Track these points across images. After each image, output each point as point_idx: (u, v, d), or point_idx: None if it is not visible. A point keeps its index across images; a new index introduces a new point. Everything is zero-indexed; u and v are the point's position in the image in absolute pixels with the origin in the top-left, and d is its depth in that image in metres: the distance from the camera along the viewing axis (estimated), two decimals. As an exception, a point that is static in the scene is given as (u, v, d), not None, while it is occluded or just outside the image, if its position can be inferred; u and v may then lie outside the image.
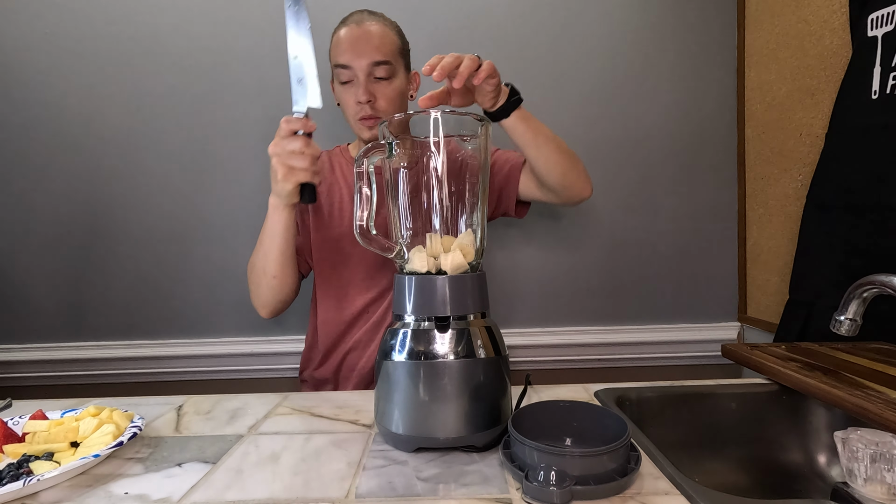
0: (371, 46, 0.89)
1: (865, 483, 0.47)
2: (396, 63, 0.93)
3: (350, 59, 0.90)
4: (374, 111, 0.92)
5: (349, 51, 0.90)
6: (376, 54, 0.89)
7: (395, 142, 0.60)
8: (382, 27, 0.92)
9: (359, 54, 0.89)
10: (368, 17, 0.93)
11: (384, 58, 0.90)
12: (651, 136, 1.29)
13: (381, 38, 0.91)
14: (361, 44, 0.90)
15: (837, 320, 0.66)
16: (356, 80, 0.90)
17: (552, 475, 0.45)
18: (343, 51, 0.90)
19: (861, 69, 0.91)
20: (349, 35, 0.91)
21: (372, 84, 0.91)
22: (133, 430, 0.60)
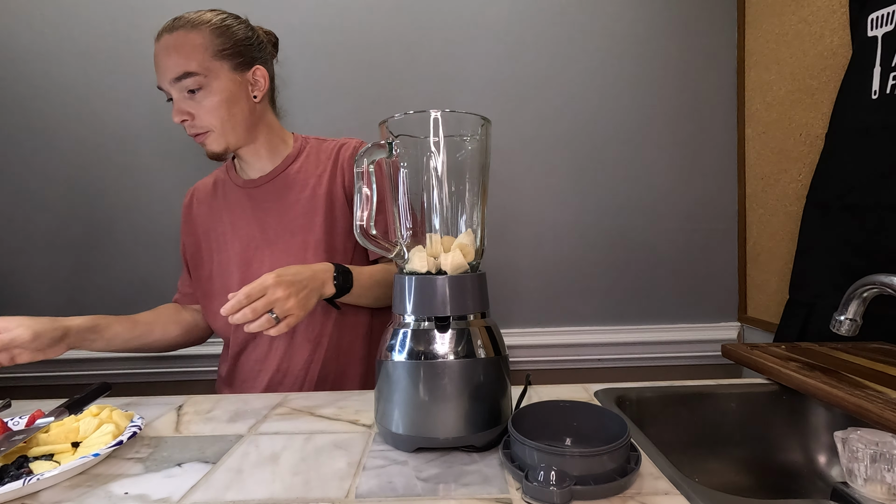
0: (171, 62, 0.83)
1: (865, 483, 0.47)
2: (210, 69, 0.84)
3: (159, 80, 0.85)
4: (196, 128, 0.87)
5: (156, 69, 0.85)
6: (175, 69, 0.83)
7: (395, 141, 0.60)
8: (186, 34, 0.83)
9: (161, 73, 0.84)
10: (172, 26, 0.85)
11: (187, 69, 0.82)
12: (651, 136, 1.29)
13: (182, 48, 0.83)
14: (161, 61, 0.84)
15: (837, 320, 0.66)
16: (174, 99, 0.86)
17: (552, 475, 0.45)
18: (157, 71, 0.85)
19: (861, 69, 0.91)
20: (155, 52, 0.85)
21: (185, 101, 0.85)
22: (133, 429, 0.60)
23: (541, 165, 1.30)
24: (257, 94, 0.91)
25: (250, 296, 0.71)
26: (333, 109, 1.28)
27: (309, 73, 1.27)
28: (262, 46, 0.94)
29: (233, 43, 0.87)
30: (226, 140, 0.89)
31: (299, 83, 1.27)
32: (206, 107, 0.85)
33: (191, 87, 0.83)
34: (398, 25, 1.27)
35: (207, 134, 0.88)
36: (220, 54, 0.85)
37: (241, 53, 0.88)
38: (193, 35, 0.84)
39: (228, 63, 0.86)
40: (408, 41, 1.27)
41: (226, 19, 0.88)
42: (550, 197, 1.30)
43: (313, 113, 1.28)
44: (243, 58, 0.89)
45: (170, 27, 0.85)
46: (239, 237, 0.95)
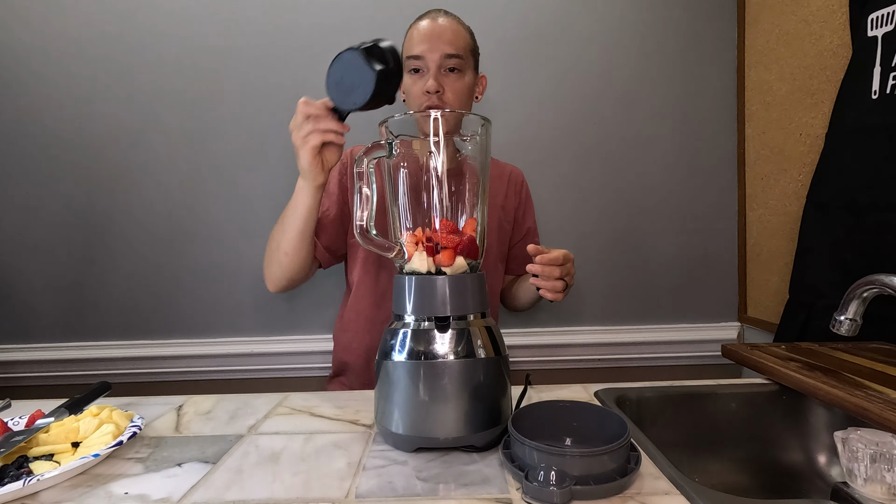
0: (444, 40, 0.92)
1: (865, 483, 0.47)
2: (467, 60, 0.95)
3: (423, 50, 0.92)
4: (442, 102, 0.93)
5: (423, 42, 0.92)
6: (449, 47, 0.92)
7: (395, 141, 0.60)
8: (457, 24, 0.96)
9: (432, 46, 0.92)
10: (444, 15, 0.96)
11: (456, 51, 0.92)
12: (651, 136, 1.29)
13: (455, 34, 0.94)
14: (435, 36, 0.92)
15: (837, 320, 0.66)
16: (426, 70, 0.92)
17: (552, 475, 0.45)
18: (417, 42, 0.93)
19: (861, 69, 0.91)
20: (425, 28, 0.94)
21: (442, 76, 0.93)
22: (133, 429, 0.60)
23: (540, 165, 1.30)
24: (479, 95, 1.03)
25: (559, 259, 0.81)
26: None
27: (306, 74, 1.27)
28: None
29: (475, 47, 0.99)
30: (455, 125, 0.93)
31: (295, 84, 1.27)
32: (456, 88, 0.94)
33: (454, 65, 0.93)
34: (397, 25, 1.27)
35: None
36: (473, 51, 0.97)
37: (478, 58, 1.01)
38: (462, 29, 0.96)
39: (473, 61, 0.98)
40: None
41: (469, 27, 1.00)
42: (550, 197, 1.30)
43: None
44: (477, 62, 1.00)
45: (443, 14, 0.96)
46: None
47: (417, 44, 0.93)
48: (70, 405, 0.67)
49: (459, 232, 0.60)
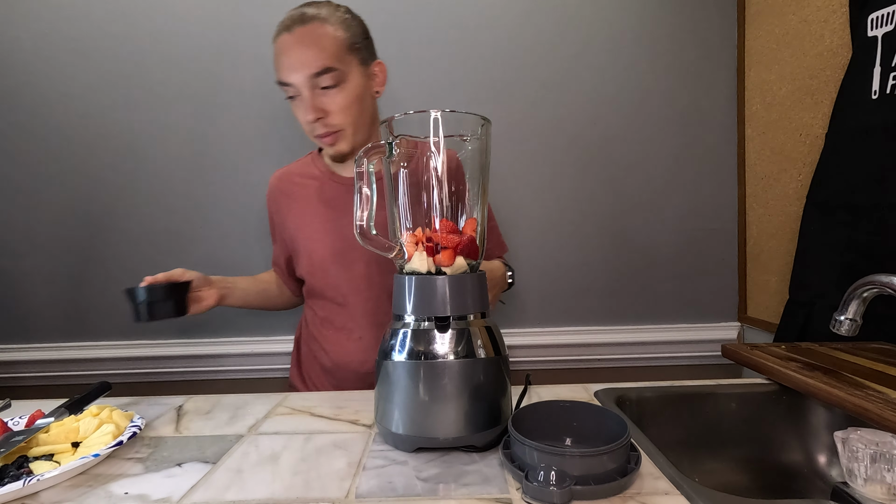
0: (307, 58, 0.78)
1: (865, 483, 0.47)
2: (344, 64, 0.81)
3: (287, 75, 0.80)
4: (329, 127, 0.83)
5: (285, 65, 0.80)
6: (313, 64, 0.78)
7: (395, 141, 0.60)
8: (319, 27, 0.79)
9: (294, 68, 0.79)
10: (302, 19, 0.80)
11: (325, 64, 0.79)
12: (651, 136, 1.29)
13: (318, 42, 0.79)
14: (296, 55, 0.79)
15: (837, 320, 0.66)
16: (300, 95, 0.81)
17: (552, 475, 0.45)
18: (280, 66, 0.81)
19: (861, 69, 0.91)
20: (283, 46, 0.80)
21: (319, 97, 0.81)
22: (133, 429, 0.60)
23: (541, 165, 1.30)
24: (378, 88, 0.88)
25: None
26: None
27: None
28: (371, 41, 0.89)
29: (358, 36, 0.83)
30: (354, 139, 0.86)
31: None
32: (339, 104, 0.82)
33: (328, 83, 0.80)
34: (398, 25, 1.27)
35: (339, 133, 0.84)
36: (350, 48, 0.82)
37: (365, 47, 0.85)
38: (327, 29, 0.80)
39: (357, 58, 0.83)
40: (406, 40, 1.27)
41: (348, 12, 0.84)
42: (550, 197, 1.30)
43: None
44: (367, 52, 0.86)
45: (300, 19, 0.80)
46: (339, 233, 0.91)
47: (280, 67, 0.81)
48: (70, 405, 0.67)
49: (459, 232, 0.60)
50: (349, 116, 0.83)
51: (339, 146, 0.86)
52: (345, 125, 0.84)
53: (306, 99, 0.81)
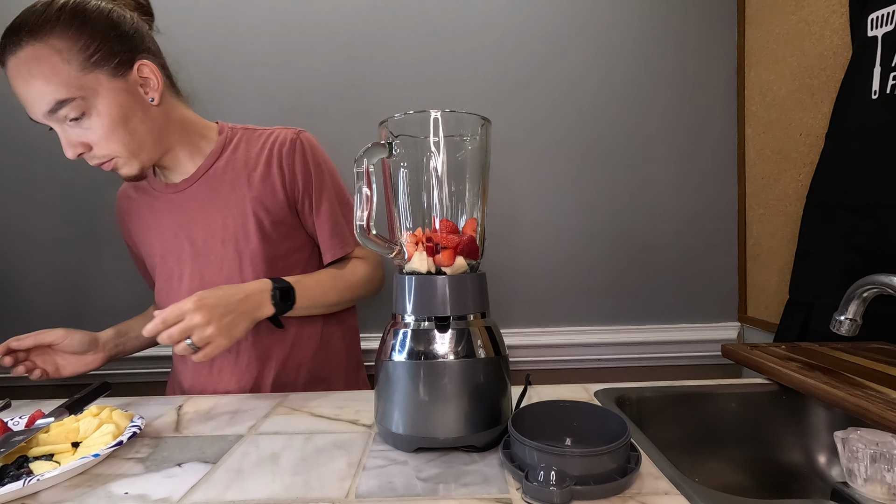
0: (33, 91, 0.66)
1: (865, 483, 0.47)
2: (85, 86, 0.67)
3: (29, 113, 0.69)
4: (99, 158, 0.73)
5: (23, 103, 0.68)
6: (43, 99, 0.66)
7: (395, 141, 0.60)
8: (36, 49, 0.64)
9: (27, 106, 0.68)
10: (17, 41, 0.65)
11: (59, 97, 0.66)
12: (651, 136, 1.29)
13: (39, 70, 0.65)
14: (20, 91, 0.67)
15: (837, 320, 0.66)
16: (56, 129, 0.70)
17: (552, 475, 0.45)
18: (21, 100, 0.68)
19: (861, 69, 0.91)
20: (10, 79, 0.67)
21: (72, 131, 0.69)
22: (133, 429, 0.60)
23: (541, 165, 1.30)
24: (153, 95, 0.75)
25: (166, 321, 0.66)
26: (332, 110, 1.28)
27: (306, 74, 1.27)
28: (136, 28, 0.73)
29: (97, 41, 0.67)
30: (139, 161, 0.76)
31: (295, 84, 1.27)
32: (98, 133, 0.70)
33: (74, 115, 0.68)
34: (398, 25, 1.27)
35: (114, 161, 0.74)
36: (88, 63, 0.67)
37: (114, 52, 0.69)
38: (44, 49, 0.65)
39: (104, 70, 0.68)
40: (407, 40, 1.27)
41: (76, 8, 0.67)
42: (550, 197, 1.30)
43: (311, 114, 1.28)
44: (120, 56, 0.70)
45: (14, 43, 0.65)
46: (167, 249, 0.85)
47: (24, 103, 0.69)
48: (70, 405, 0.67)
49: (459, 232, 0.60)
50: (116, 143, 0.71)
51: (124, 172, 0.76)
52: (115, 152, 0.73)
53: (60, 136, 0.70)
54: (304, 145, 0.85)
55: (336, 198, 0.88)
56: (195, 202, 0.84)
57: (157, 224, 0.87)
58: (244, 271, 0.83)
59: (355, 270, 0.88)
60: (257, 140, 0.86)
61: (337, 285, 0.84)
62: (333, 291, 0.84)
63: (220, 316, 0.69)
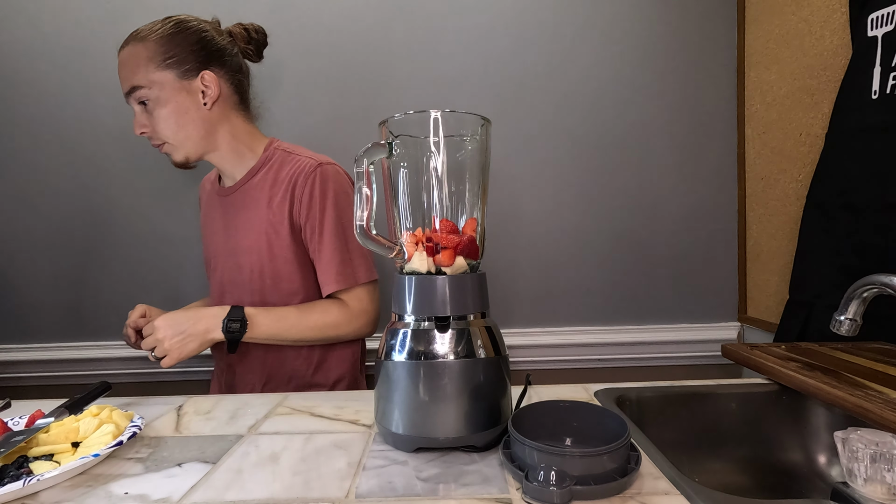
0: (123, 77, 0.86)
1: (865, 483, 0.47)
2: (155, 81, 0.85)
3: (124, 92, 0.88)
4: (156, 139, 0.89)
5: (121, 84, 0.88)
6: (126, 83, 0.86)
7: (395, 141, 0.60)
8: (133, 48, 0.85)
9: (122, 83, 0.87)
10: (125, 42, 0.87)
11: (134, 83, 0.85)
12: (651, 136, 1.29)
13: (129, 63, 0.85)
14: (120, 74, 0.87)
15: (837, 320, 0.66)
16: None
17: (552, 475, 0.45)
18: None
19: (861, 69, 0.91)
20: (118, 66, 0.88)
21: (142, 114, 0.87)
22: (133, 429, 0.60)
23: (541, 165, 1.30)
24: (207, 101, 0.89)
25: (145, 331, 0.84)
26: (332, 110, 1.28)
27: (306, 74, 1.27)
28: (220, 49, 0.91)
29: (178, 50, 0.86)
30: (184, 150, 0.91)
31: (295, 84, 1.27)
32: (157, 118, 0.86)
33: (141, 98, 0.86)
34: (398, 25, 1.27)
35: (164, 145, 0.90)
36: (164, 64, 0.85)
37: (186, 60, 0.86)
38: (140, 48, 0.85)
39: (174, 72, 0.85)
40: (407, 41, 1.27)
41: (176, 26, 0.87)
42: (550, 197, 1.30)
43: (310, 115, 1.28)
44: (190, 64, 0.86)
45: (123, 43, 0.87)
46: (213, 242, 0.99)
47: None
48: (70, 405, 0.67)
49: (459, 232, 0.60)
50: (168, 130, 0.87)
51: (172, 156, 0.92)
52: (167, 137, 0.88)
53: (135, 115, 0.88)
54: (318, 177, 0.90)
55: (335, 233, 0.90)
56: (233, 208, 0.95)
57: (211, 218, 1.01)
58: (243, 280, 0.94)
59: (327, 312, 0.90)
60: (288, 164, 0.93)
61: (300, 324, 0.88)
62: (294, 329, 0.88)
63: (173, 335, 0.83)
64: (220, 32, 0.93)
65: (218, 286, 0.98)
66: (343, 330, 0.91)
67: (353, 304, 0.91)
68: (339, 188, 0.91)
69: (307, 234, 0.90)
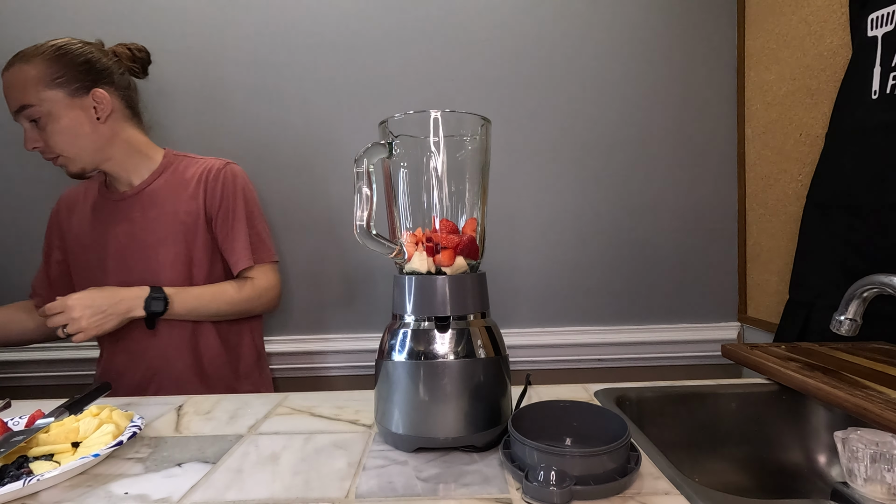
0: (10, 96, 0.90)
1: (865, 483, 0.47)
2: (45, 99, 0.90)
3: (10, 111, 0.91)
4: (49, 154, 0.93)
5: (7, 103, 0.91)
6: (14, 102, 0.90)
7: (395, 141, 0.60)
8: (21, 68, 0.90)
9: (8, 104, 0.91)
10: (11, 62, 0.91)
11: (24, 102, 0.89)
12: (651, 136, 1.29)
13: (17, 83, 0.89)
14: (6, 93, 0.90)
15: (837, 320, 0.66)
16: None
17: (552, 475, 0.45)
18: None
19: (861, 69, 0.91)
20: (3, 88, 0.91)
21: (33, 130, 0.92)
22: (133, 429, 0.60)
23: (541, 165, 1.30)
24: (100, 115, 0.95)
25: (51, 309, 0.86)
26: (331, 110, 1.28)
27: (306, 73, 1.27)
28: (106, 68, 0.97)
29: (65, 71, 0.91)
30: (80, 162, 0.96)
31: (295, 84, 1.27)
32: (50, 134, 0.91)
33: (32, 116, 0.90)
34: (398, 25, 1.27)
35: (59, 158, 0.94)
36: (53, 83, 0.90)
37: (75, 80, 0.92)
38: (27, 68, 0.89)
39: (64, 90, 0.91)
40: (407, 41, 1.27)
41: (62, 47, 0.92)
42: (550, 197, 1.30)
43: (312, 114, 1.28)
44: (79, 83, 0.92)
45: (9, 63, 0.91)
46: (107, 247, 1.01)
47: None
48: (70, 405, 0.67)
49: (459, 232, 0.60)
50: (62, 144, 0.92)
51: (67, 168, 0.96)
52: (61, 151, 0.93)
53: (25, 131, 0.92)
54: (227, 174, 1.03)
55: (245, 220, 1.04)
56: (135, 210, 1.01)
57: (100, 224, 1.02)
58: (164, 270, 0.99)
59: (241, 289, 1.02)
60: (193, 165, 1.04)
61: (217, 299, 0.99)
62: (213, 304, 0.99)
63: (93, 314, 0.87)
64: (105, 53, 0.99)
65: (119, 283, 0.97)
66: (254, 304, 1.03)
67: (260, 281, 1.04)
68: (245, 183, 1.05)
69: (218, 222, 1.01)
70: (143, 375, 0.99)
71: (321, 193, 1.30)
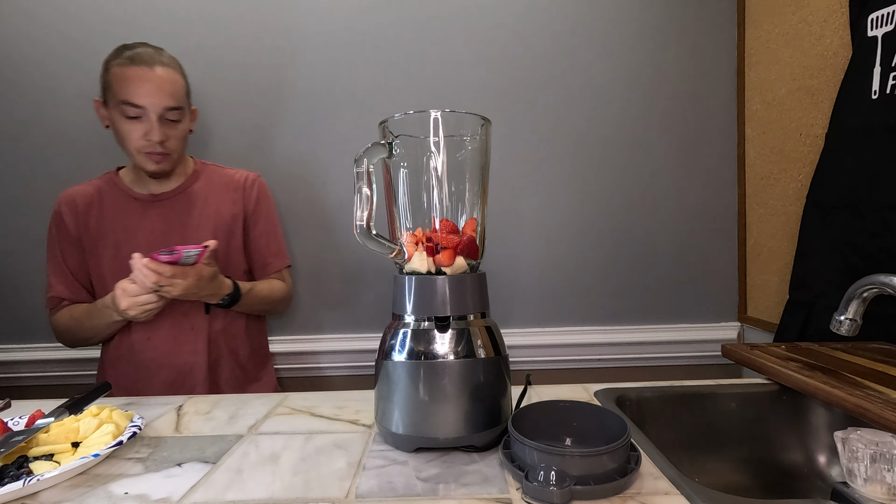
0: (165, 92, 0.96)
1: (865, 483, 0.47)
2: (185, 106, 1.01)
3: (144, 101, 0.95)
4: (165, 149, 0.99)
5: (143, 93, 0.95)
6: (171, 100, 0.97)
7: (395, 141, 0.60)
8: (173, 73, 0.99)
9: (154, 98, 0.96)
10: (157, 59, 0.97)
11: (177, 104, 0.98)
12: (651, 136, 1.29)
13: (174, 85, 0.98)
14: (155, 88, 0.96)
15: (837, 320, 0.66)
16: (147, 118, 0.96)
17: (552, 475, 0.45)
18: (135, 91, 0.95)
19: (861, 69, 0.91)
20: (142, 76, 0.95)
21: (164, 126, 0.98)
22: (133, 429, 0.60)
23: (541, 165, 1.30)
24: (192, 128, 1.08)
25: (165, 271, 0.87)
26: (332, 109, 1.28)
27: (306, 73, 1.27)
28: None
29: (188, 88, 1.04)
30: (175, 163, 1.05)
31: (295, 84, 1.27)
32: (177, 135, 1.01)
33: (175, 118, 0.99)
34: (398, 25, 1.27)
35: (168, 156, 1.01)
36: (187, 94, 1.03)
37: (189, 94, 1.05)
38: (177, 75, 1.00)
39: (188, 102, 1.04)
40: (407, 41, 1.27)
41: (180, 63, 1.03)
42: (550, 197, 1.30)
43: (312, 114, 1.28)
44: (190, 97, 1.05)
45: (155, 57, 0.97)
46: (138, 245, 1.02)
47: (136, 92, 0.94)
48: (70, 405, 0.67)
49: (459, 232, 0.60)
50: (180, 146, 1.03)
51: (165, 166, 1.03)
52: (174, 151, 1.02)
53: (154, 124, 0.97)
54: (259, 184, 1.15)
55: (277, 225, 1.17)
56: (173, 211, 1.07)
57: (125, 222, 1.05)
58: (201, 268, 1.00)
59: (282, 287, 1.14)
60: (227, 174, 1.13)
61: (268, 297, 1.11)
62: (265, 302, 1.11)
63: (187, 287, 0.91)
64: None
65: None
66: (287, 302, 1.18)
67: (288, 281, 1.17)
68: (269, 193, 1.18)
69: (251, 224, 1.12)
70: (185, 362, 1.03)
71: (321, 193, 1.30)
